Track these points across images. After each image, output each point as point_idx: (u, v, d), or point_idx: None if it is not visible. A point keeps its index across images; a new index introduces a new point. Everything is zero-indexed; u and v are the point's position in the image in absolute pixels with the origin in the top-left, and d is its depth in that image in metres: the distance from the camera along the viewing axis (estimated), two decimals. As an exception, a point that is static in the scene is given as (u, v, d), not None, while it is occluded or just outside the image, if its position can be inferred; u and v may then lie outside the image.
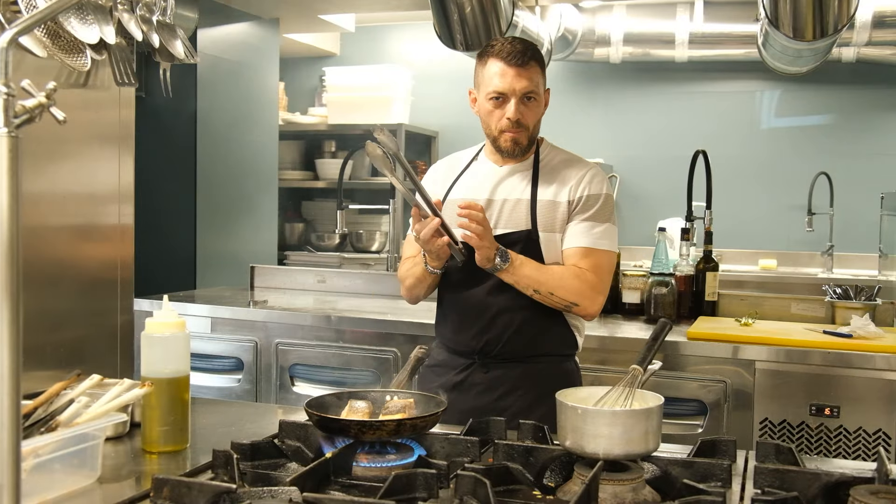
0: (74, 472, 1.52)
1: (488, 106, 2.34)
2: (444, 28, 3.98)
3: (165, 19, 2.25)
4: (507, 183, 2.40)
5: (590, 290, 2.32)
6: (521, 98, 2.31)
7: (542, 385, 2.33)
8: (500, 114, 2.32)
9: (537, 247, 2.32)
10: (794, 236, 5.48)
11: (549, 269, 2.32)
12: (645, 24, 5.36)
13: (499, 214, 2.36)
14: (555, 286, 2.29)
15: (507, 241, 2.31)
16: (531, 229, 2.33)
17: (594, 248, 2.34)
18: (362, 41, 6.27)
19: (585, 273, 2.32)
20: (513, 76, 2.29)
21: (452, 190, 2.46)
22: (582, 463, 1.57)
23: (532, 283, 2.29)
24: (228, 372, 3.65)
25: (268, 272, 4.49)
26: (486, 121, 2.38)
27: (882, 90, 5.46)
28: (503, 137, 2.34)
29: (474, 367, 2.38)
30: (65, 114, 1.22)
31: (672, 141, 5.70)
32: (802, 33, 3.62)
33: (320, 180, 5.92)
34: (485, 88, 2.34)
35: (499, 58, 2.31)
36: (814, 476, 1.52)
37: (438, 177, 2.55)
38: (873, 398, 2.85)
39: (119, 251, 2.35)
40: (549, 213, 2.34)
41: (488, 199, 2.39)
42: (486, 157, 2.49)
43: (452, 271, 2.38)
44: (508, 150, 2.36)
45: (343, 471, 1.57)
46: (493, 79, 2.31)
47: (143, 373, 1.75)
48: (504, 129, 2.33)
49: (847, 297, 3.37)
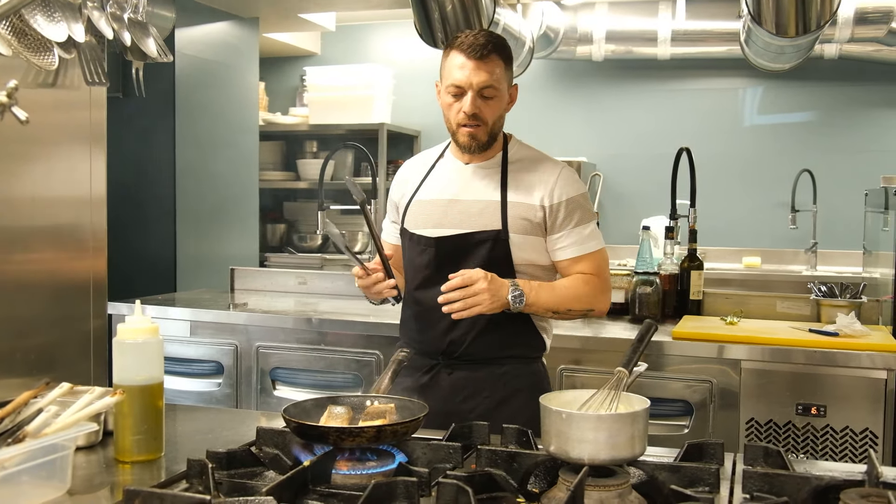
0: (43, 485, 1.47)
1: (448, 99, 2.30)
2: (424, 26, 3.94)
3: (137, 17, 2.20)
4: (474, 182, 2.36)
5: (600, 293, 2.35)
6: (478, 92, 2.25)
7: (508, 387, 2.33)
8: (457, 107, 2.28)
9: (507, 247, 2.28)
10: (778, 234, 5.47)
11: (561, 288, 2.31)
12: (627, 22, 5.34)
13: (466, 213, 2.32)
14: (570, 302, 2.29)
15: (475, 240, 2.28)
16: (501, 230, 2.28)
17: (588, 254, 2.33)
18: (343, 40, 6.22)
19: (591, 278, 2.33)
20: (471, 69, 2.24)
21: (419, 191, 2.43)
22: (567, 468, 1.53)
23: (550, 307, 2.28)
24: (208, 376, 3.60)
25: (248, 274, 4.44)
26: (446, 114, 2.34)
27: (864, 87, 5.46)
28: (460, 132, 2.30)
29: (439, 369, 2.34)
30: (32, 114, 1.18)
31: (655, 139, 5.68)
32: (785, 29, 3.60)
33: (302, 181, 5.87)
34: (445, 81, 2.31)
35: (460, 50, 2.27)
36: (803, 480, 1.49)
37: (406, 178, 2.51)
38: (860, 397, 2.83)
39: (92, 254, 2.30)
40: (520, 215, 2.29)
41: (454, 199, 2.35)
42: (452, 154, 2.44)
43: (417, 270, 2.36)
44: (465, 144, 2.30)
45: (322, 479, 1.53)
46: (453, 71, 2.27)
47: (115, 380, 1.70)
48: (461, 122, 2.28)
49: (832, 295, 3.35)
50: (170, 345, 3.50)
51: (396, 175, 2.56)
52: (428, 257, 2.33)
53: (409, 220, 2.40)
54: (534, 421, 1.73)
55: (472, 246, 2.28)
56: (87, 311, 2.27)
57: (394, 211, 2.53)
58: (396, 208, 2.50)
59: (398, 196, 2.50)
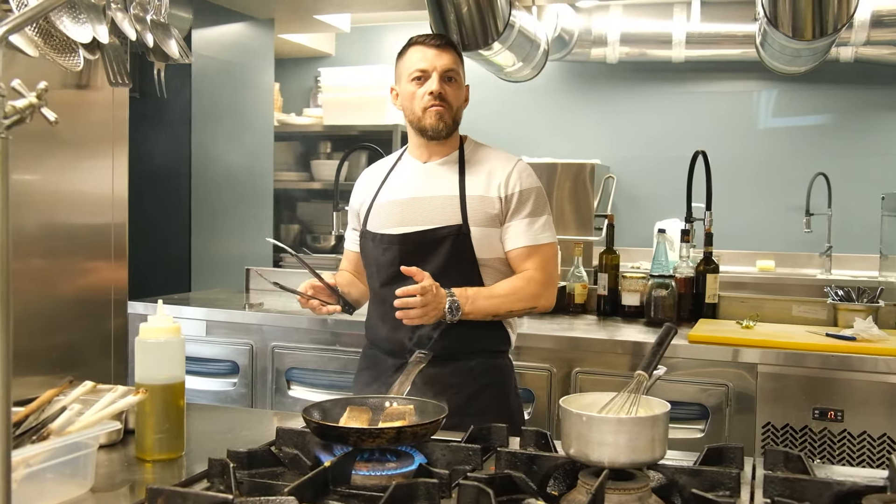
0: (66, 482, 1.48)
1: (410, 88, 2.34)
2: (440, 28, 3.95)
3: (160, 18, 2.21)
4: (432, 179, 2.39)
5: (542, 288, 2.36)
6: (442, 75, 2.32)
7: (477, 382, 2.35)
8: (422, 91, 2.32)
9: (468, 241, 2.31)
10: (792, 237, 5.45)
11: (499, 291, 2.33)
12: (642, 24, 5.33)
13: (427, 210, 2.35)
14: (510, 303, 2.33)
15: (438, 236, 2.31)
16: (462, 224, 2.31)
17: (537, 245, 2.36)
18: (357, 41, 6.23)
19: (534, 274, 2.35)
20: (433, 55, 2.33)
21: (379, 193, 2.46)
22: (586, 471, 1.53)
23: (489, 312, 2.31)
24: (224, 376, 3.61)
25: (263, 274, 4.44)
26: (408, 106, 2.37)
27: (880, 90, 5.44)
28: (427, 113, 2.32)
29: (406, 367, 2.33)
30: (56, 115, 1.19)
31: (669, 141, 5.67)
32: (802, 33, 3.59)
33: (315, 181, 5.88)
34: (406, 73, 2.36)
35: (417, 44, 2.36)
36: (824, 485, 1.48)
37: (365, 184, 2.55)
38: (877, 402, 2.82)
39: (113, 253, 2.31)
40: (479, 208, 2.33)
41: (414, 198, 2.37)
42: (410, 156, 2.48)
43: (381, 269, 2.37)
44: (433, 126, 2.33)
45: (342, 479, 1.53)
46: (415, 62, 2.34)
47: (137, 379, 1.71)
48: (427, 105, 2.31)
49: (849, 299, 3.33)
50: (186, 344, 3.51)
51: (356, 185, 2.61)
52: (392, 255, 2.35)
53: (372, 222, 2.43)
54: (503, 416, 1.75)
55: (435, 241, 2.31)
56: (108, 310, 2.29)
57: (354, 218, 2.57)
58: (357, 215, 2.54)
59: (358, 203, 2.54)
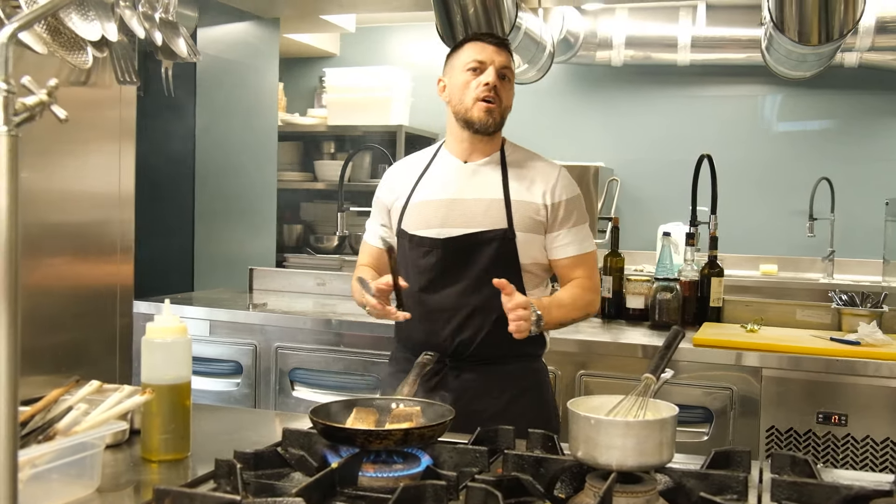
0: (73, 482, 1.47)
1: (464, 78, 2.30)
2: (446, 29, 3.94)
3: (168, 17, 2.21)
4: (475, 180, 2.34)
5: (594, 295, 2.40)
6: (498, 70, 2.29)
7: (514, 386, 2.33)
8: (476, 82, 2.28)
9: (513, 245, 2.28)
10: (795, 241, 5.44)
11: (566, 300, 2.33)
12: (647, 28, 5.33)
13: (471, 213, 2.30)
14: (574, 312, 2.34)
15: (483, 240, 2.27)
16: (507, 228, 2.28)
17: (585, 254, 2.37)
18: (362, 42, 6.23)
19: (585, 282, 2.36)
20: (492, 50, 2.31)
21: (416, 192, 2.39)
22: (594, 474, 1.53)
23: (558, 322, 2.32)
24: (227, 376, 3.61)
25: (267, 274, 4.45)
26: (458, 96, 2.31)
27: (884, 96, 5.44)
28: (477, 106, 2.27)
29: (445, 371, 2.32)
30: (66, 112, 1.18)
31: (673, 145, 5.67)
32: (808, 37, 3.59)
33: (319, 182, 5.87)
34: (461, 63, 2.32)
35: (475, 39, 2.34)
36: (832, 489, 1.48)
37: (396, 182, 2.47)
38: (881, 406, 2.82)
39: (119, 252, 2.31)
40: (524, 213, 2.30)
41: (456, 199, 2.33)
42: (449, 153, 2.41)
43: (421, 272, 2.32)
44: (482, 120, 2.28)
45: (349, 481, 1.53)
46: (472, 54, 2.31)
47: (143, 379, 1.70)
48: (480, 95, 2.27)
49: (853, 304, 3.33)
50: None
51: (385, 177, 2.53)
52: (434, 258, 2.30)
53: (408, 221, 2.37)
54: (541, 419, 1.74)
55: (480, 245, 2.27)
56: (113, 308, 2.28)
57: (383, 214, 2.49)
58: (388, 211, 2.47)
59: (390, 199, 2.45)
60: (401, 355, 2.44)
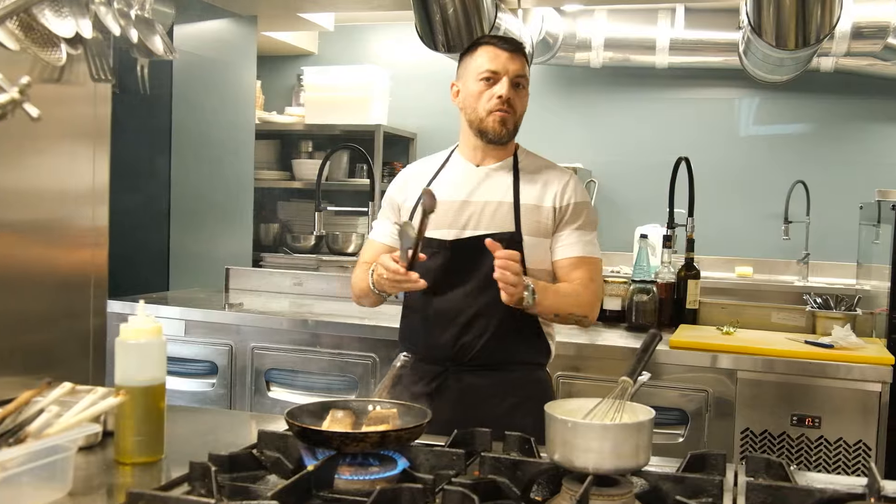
0: (44, 486, 1.45)
1: (478, 87, 2.28)
2: (426, 29, 3.94)
3: (144, 14, 2.18)
4: (486, 184, 2.34)
5: (595, 299, 2.34)
6: (512, 80, 2.27)
7: (517, 394, 2.30)
8: (489, 94, 2.27)
9: (520, 250, 2.25)
10: (770, 244, 5.48)
11: (564, 290, 2.28)
12: (626, 30, 5.34)
13: (479, 216, 2.30)
14: (571, 306, 2.27)
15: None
16: (515, 232, 2.27)
17: (589, 257, 2.33)
18: (341, 41, 6.21)
19: (590, 283, 2.31)
20: (506, 58, 2.27)
21: None
22: (570, 477, 1.53)
23: (554, 308, 2.25)
24: (202, 376, 3.58)
25: (243, 274, 4.42)
26: (472, 105, 2.30)
27: (859, 101, 5.49)
28: (491, 118, 2.27)
29: (446, 376, 2.31)
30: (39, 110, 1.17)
31: (650, 147, 5.69)
32: (785, 42, 3.62)
33: (296, 181, 5.85)
34: (475, 71, 2.29)
35: (490, 44, 2.30)
36: (806, 492, 1.49)
37: (408, 182, 2.46)
38: (854, 409, 2.84)
39: (93, 251, 2.27)
40: (532, 217, 2.29)
41: (466, 201, 2.32)
42: (462, 157, 2.42)
43: (427, 273, 2.28)
44: (495, 131, 2.28)
45: (325, 484, 1.52)
46: (486, 62, 2.28)
47: (116, 381, 1.68)
48: (493, 108, 2.26)
49: (827, 307, 3.36)
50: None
51: (399, 177, 2.52)
52: (441, 260, 2.29)
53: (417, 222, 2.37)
54: (539, 431, 1.72)
55: (487, 248, 2.24)
56: (86, 308, 2.25)
57: (394, 213, 2.48)
58: (398, 210, 2.45)
59: (402, 198, 2.45)
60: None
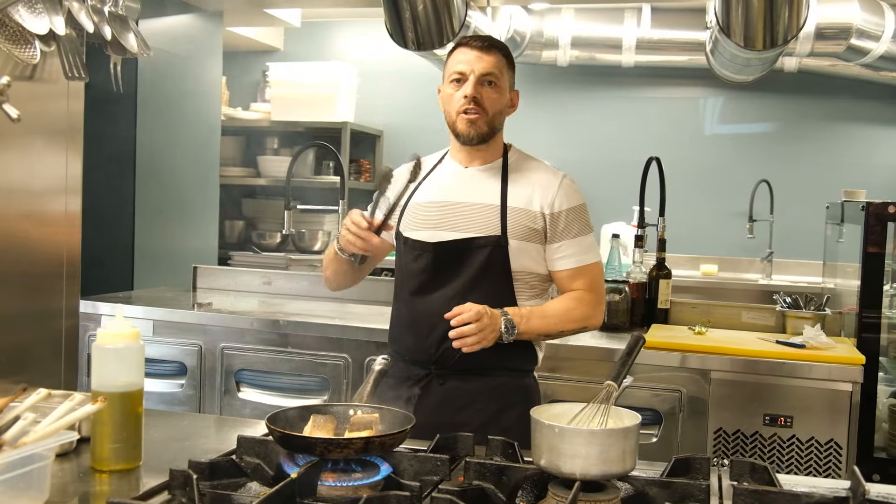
0: (20, 496, 1.41)
1: (449, 90, 2.28)
2: (395, 26, 3.91)
3: (117, 10, 2.14)
4: (473, 186, 2.31)
5: (592, 308, 2.31)
6: (479, 78, 2.25)
7: (501, 400, 2.28)
8: (458, 94, 2.26)
9: (505, 253, 2.24)
10: (735, 242, 5.54)
11: (552, 311, 2.27)
12: (593, 29, 5.37)
13: (465, 218, 2.27)
14: (563, 324, 2.27)
15: (474, 245, 2.24)
16: (500, 235, 2.24)
17: (587, 266, 2.31)
18: (307, 37, 6.16)
19: (584, 295, 2.29)
20: (474, 57, 2.26)
21: (416, 193, 2.36)
22: (556, 483, 1.52)
23: (541, 330, 2.25)
24: (171, 377, 3.52)
25: (211, 273, 4.36)
26: (447, 109, 2.31)
27: (821, 100, 5.57)
28: (459, 119, 2.26)
29: (430, 379, 2.28)
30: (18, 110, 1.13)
31: (617, 146, 5.72)
32: (753, 42, 3.65)
33: (262, 177, 5.79)
34: (448, 74, 2.30)
35: (462, 45, 2.30)
36: (792, 497, 1.50)
37: (401, 181, 2.42)
38: (825, 409, 2.87)
39: (65, 249, 2.23)
40: (520, 220, 2.26)
41: (452, 202, 2.30)
42: (451, 158, 2.41)
43: (412, 276, 2.30)
44: (465, 133, 2.27)
45: (308, 491, 1.49)
46: (455, 63, 2.28)
47: (93, 386, 1.64)
48: (460, 109, 2.25)
49: (797, 307, 3.39)
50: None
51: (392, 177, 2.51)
52: (424, 262, 2.27)
53: (405, 222, 2.34)
54: (524, 438, 1.72)
55: (471, 251, 2.23)
56: (59, 308, 2.20)
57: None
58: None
59: (394, 196, 2.42)
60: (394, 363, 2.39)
